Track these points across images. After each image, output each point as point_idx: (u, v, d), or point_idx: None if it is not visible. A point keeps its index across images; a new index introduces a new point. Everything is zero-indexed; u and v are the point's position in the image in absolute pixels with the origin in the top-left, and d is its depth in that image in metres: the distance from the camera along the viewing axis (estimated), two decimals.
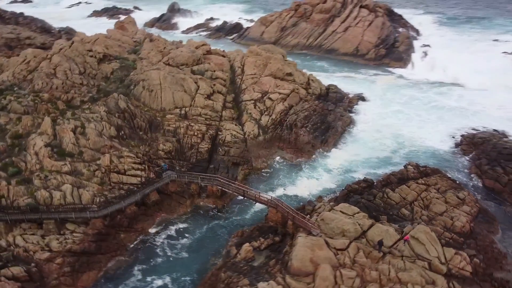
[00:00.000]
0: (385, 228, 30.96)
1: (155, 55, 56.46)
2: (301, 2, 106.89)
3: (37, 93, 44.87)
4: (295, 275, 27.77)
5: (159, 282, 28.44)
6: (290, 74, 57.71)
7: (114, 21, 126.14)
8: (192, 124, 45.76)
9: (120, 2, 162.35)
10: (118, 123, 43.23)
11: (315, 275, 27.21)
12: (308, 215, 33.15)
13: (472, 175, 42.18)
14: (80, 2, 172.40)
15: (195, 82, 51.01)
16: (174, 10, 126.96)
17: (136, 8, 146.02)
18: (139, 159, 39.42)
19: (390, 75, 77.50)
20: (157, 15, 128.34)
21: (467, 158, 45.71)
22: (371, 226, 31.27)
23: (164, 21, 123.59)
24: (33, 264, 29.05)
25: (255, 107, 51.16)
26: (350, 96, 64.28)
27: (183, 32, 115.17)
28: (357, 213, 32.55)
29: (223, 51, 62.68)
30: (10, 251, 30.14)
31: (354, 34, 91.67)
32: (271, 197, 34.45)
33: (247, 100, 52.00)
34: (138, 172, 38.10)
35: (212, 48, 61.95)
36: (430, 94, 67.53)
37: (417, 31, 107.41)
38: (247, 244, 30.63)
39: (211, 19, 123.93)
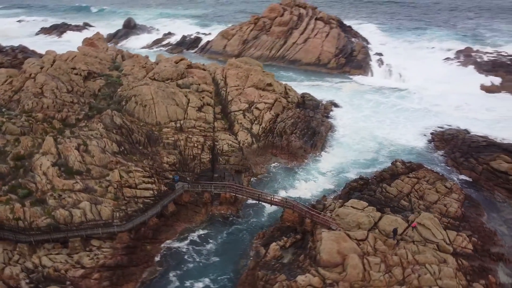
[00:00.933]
0: (393, 218, 34.36)
1: (139, 71, 56.98)
2: (259, 16, 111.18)
3: (29, 113, 43.89)
4: (325, 266, 30.20)
5: (200, 285, 29.65)
6: (270, 85, 60.56)
7: (67, 38, 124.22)
8: (190, 136, 46.97)
9: (63, 18, 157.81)
10: (117, 139, 43.45)
11: (345, 265, 29.81)
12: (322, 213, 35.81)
13: (449, 167, 47.25)
14: (20, 20, 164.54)
15: (185, 96, 52.27)
16: (130, 25, 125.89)
17: (86, 24, 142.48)
18: (147, 173, 39.99)
19: (353, 82, 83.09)
20: (109, 32, 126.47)
21: (440, 153, 50.97)
22: (380, 217, 34.58)
23: (120, 37, 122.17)
24: (68, 283, 29.03)
25: (244, 117, 53.32)
26: (324, 103, 68.42)
27: (143, 48, 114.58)
28: (366, 207, 35.76)
29: (203, 64, 64.35)
30: (39, 272, 29.80)
31: (314, 45, 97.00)
32: (286, 198, 36.72)
33: (236, 111, 54.04)
34: (149, 185, 38.70)
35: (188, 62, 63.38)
36: (393, 98, 73.56)
37: (366, 41, 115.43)
38: (274, 243, 32.61)
39: (169, 33, 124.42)
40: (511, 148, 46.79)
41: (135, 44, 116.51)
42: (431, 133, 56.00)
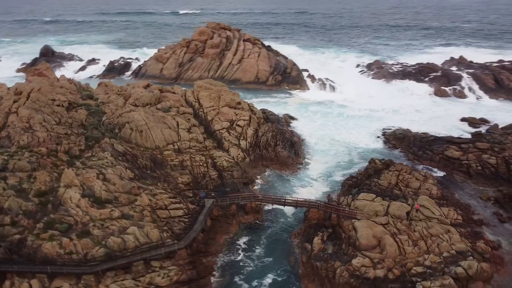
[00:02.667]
0: (399, 204, 41.33)
1: (117, 98, 57.00)
2: (190, 39, 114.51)
3: (27, 148, 42.08)
4: (365, 250, 35.66)
5: (269, 280, 32.80)
6: (239, 103, 64.89)
7: None
8: (192, 156, 49.11)
9: None
10: (126, 166, 43.99)
11: (381, 245, 35.60)
12: None
13: (411, 160, 56.54)
14: None
15: (173, 119, 54.05)
16: (48, 54, 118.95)
17: None
18: (171, 194, 41.48)
19: (296, 96, 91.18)
20: (22, 62, 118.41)
21: (398, 150, 60.39)
22: (389, 205, 41.30)
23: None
24: None
25: (229, 134, 56.75)
26: (280, 116, 74.68)
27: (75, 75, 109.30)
28: (375, 198, 42.27)
29: (172, 88, 66.10)
30: None
31: (250, 65, 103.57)
32: (310, 199, 41.51)
33: (220, 129, 57.18)
34: (178, 205, 40.28)
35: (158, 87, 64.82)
36: (335, 108, 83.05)
37: (286, 59, 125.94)
38: (316, 238, 37.16)
39: (93, 60, 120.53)
40: (452, 140, 57.93)
41: (61, 72, 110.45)
42: (383, 134, 65.64)
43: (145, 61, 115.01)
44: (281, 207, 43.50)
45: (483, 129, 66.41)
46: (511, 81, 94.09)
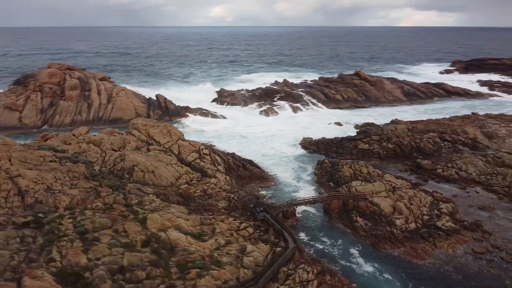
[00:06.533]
0: (378, 183, 56.58)
1: (91, 148, 52.77)
2: (39, 82, 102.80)
3: (71, 208, 37.85)
4: (390, 216, 49.23)
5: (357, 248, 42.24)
6: (183, 135, 68.33)
7: None
8: (206, 184, 51.92)
9: None
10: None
11: (397, 209, 49.87)
12: None
13: (335, 157, 73.15)
14: None
15: (161, 155, 54.61)
16: None
17: None
18: (232, 220, 44.73)
19: (187, 127, 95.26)
20: None
21: (320, 153, 76.28)
22: (373, 185, 56.09)
23: None
24: None
25: (205, 163, 60.54)
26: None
27: None
28: (362, 183, 56.31)
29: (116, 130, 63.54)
30: None
31: (125, 103, 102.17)
32: (330, 193, 52.03)
33: (193, 160, 60.18)
34: (245, 224, 44.23)
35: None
36: (235, 130, 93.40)
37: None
38: (356, 218, 48.39)
39: None
40: (353, 138, 78.02)
41: None
42: (300, 143, 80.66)
43: None
44: (302, 207, 52.09)
45: (346, 128, 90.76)
46: (333, 94, 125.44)
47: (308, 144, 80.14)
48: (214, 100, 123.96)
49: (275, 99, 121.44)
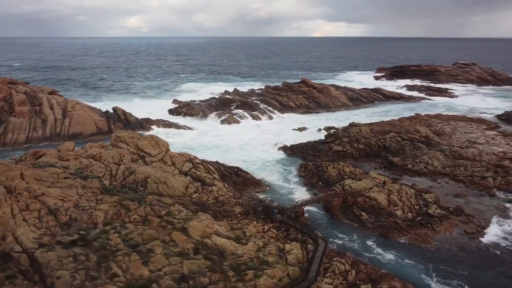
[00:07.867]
0: (368, 180, 61.47)
1: (93, 164, 50.64)
2: None
3: (109, 224, 36.93)
4: (387, 208, 54.03)
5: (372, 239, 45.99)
6: (169, 145, 67.89)
7: None
8: (216, 191, 52.56)
9: None
10: None
11: (392, 202, 54.89)
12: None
13: (313, 159, 77.28)
14: None
15: (165, 167, 54.18)
16: None
17: None
18: (256, 224, 46.12)
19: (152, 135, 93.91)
20: None
21: (298, 156, 79.88)
22: (364, 181, 60.79)
23: None
24: None
25: (201, 172, 60.88)
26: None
27: None
28: (353, 180, 60.72)
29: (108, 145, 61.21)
30: None
31: (83, 117, 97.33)
32: (331, 192, 55.51)
33: (189, 170, 60.27)
34: (267, 226, 45.94)
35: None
36: (200, 137, 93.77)
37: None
38: (361, 212, 52.44)
39: None
40: (325, 141, 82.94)
41: None
42: (280, 148, 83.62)
43: None
44: (323, 201, 55.02)
45: (311, 133, 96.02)
46: (286, 101, 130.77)
47: (285, 149, 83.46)
48: (170, 111, 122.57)
49: (232, 108, 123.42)
